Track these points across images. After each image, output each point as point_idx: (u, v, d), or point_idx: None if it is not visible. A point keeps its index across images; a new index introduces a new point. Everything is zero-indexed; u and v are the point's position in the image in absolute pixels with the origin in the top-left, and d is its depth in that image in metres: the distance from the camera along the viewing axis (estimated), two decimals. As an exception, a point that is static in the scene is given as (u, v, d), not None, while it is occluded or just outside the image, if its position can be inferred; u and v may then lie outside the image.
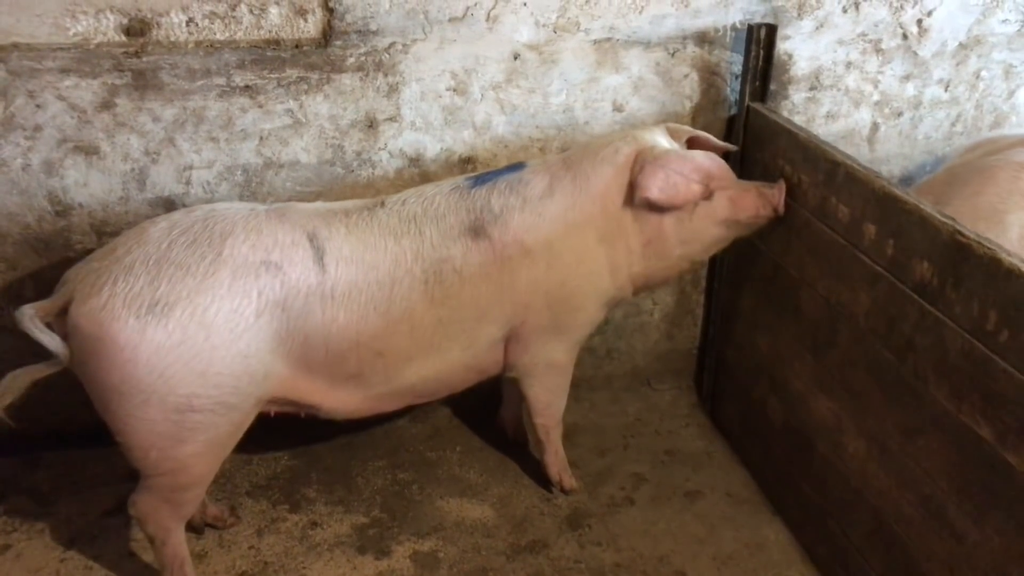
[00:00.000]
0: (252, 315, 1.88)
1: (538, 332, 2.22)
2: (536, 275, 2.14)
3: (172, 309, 1.81)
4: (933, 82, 2.74)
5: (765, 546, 2.37)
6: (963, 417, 1.71)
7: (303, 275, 1.93)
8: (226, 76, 2.27)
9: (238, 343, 1.87)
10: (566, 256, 2.16)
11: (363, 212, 2.08)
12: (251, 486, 2.52)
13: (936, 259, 1.76)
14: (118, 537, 2.32)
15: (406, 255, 2.04)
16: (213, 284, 1.84)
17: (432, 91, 2.41)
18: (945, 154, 2.85)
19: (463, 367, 2.22)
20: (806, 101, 2.67)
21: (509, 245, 2.11)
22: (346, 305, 1.98)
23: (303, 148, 2.40)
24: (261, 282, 1.89)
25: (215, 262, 1.86)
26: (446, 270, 2.07)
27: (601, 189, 2.16)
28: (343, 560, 2.29)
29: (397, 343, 2.07)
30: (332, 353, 2.01)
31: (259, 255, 1.90)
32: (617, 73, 2.50)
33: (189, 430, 1.89)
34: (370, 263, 2.01)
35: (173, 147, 2.31)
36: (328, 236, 1.99)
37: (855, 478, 2.09)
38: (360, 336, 2.02)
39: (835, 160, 2.09)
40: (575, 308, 2.23)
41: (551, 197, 2.15)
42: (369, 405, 2.18)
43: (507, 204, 2.13)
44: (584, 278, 2.20)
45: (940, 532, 1.81)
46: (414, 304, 2.05)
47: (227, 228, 1.92)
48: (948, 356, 1.74)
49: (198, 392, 1.85)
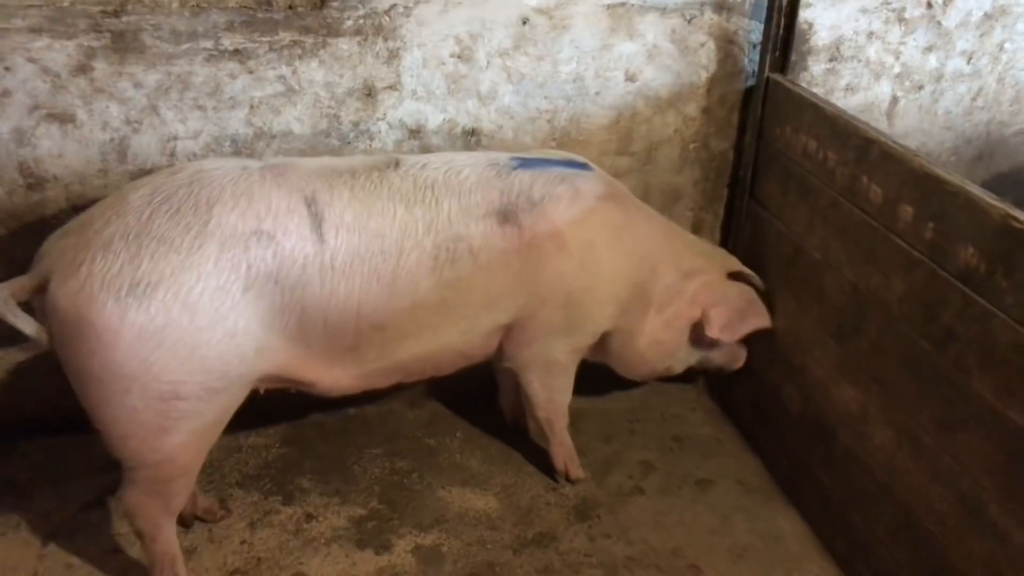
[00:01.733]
0: (239, 290, 1.73)
1: (546, 328, 2.13)
2: (565, 271, 2.05)
3: (155, 290, 1.66)
4: (956, 54, 2.63)
5: (781, 537, 2.28)
6: (1011, 413, 1.62)
7: (299, 245, 1.78)
8: (214, 39, 2.09)
9: (225, 322, 1.72)
10: (602, 264, 2.10)
11: (372, 173, 1.92)
12: (241, 476, 2.39)
13: (984, 245, 1.66)
14: (100, 531, 2.19)
15: (417, 225, 1.89)
16: (199, 260, 1.69)
17: (435, 58, 2.26)
18: (964, 129, 2.76)
19: (456, 351, 2.11)
20: (825, 73, 2.55)
21: (543, 237, 1.99)
22: (347, 276, 1.84)
23: (296, 118, 2.24)
24: (251, 254, 1.74)
25: (201, 234, 1.71)
26: (460, 249, 1.93)
27: (657, 256, 2.23)
28: (341, 555, 2.18)
29: (397, 318, 1.94)
30: (331, 326, 1.87)
31: (249, 224, 1.75)
32: (631, 40, 2.35)
33: (174, 419, 1.76)
34: (375, 231, 1.86)
35: (156, 116, 2.14)
36: (329, 201, 1.83)
37: (881, 470, 2.01)
38: (361, 308, 1.88)
39: (868, 137, 1.98)
40: (589, 317, 2.17)
41: (607, 203, 2.09)
42: (360, 383, 2.05)
43: (552, 193, 2.02)
44: (608, 296, 2.16)
45: (979, 532, 1.72)
46: (419, 280, 1.91)
47: (214, 194, 1.75)
48: (996, 348, 1.64)
49: (183, 378, 1.72)
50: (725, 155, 2.59)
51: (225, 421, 1.89)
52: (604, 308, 2.18)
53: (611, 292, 2.16)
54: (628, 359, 2.35)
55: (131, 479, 1.84)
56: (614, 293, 2.17)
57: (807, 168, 2.21)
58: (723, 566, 2.20)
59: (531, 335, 2.13)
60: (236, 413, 1.92)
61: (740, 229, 2.55)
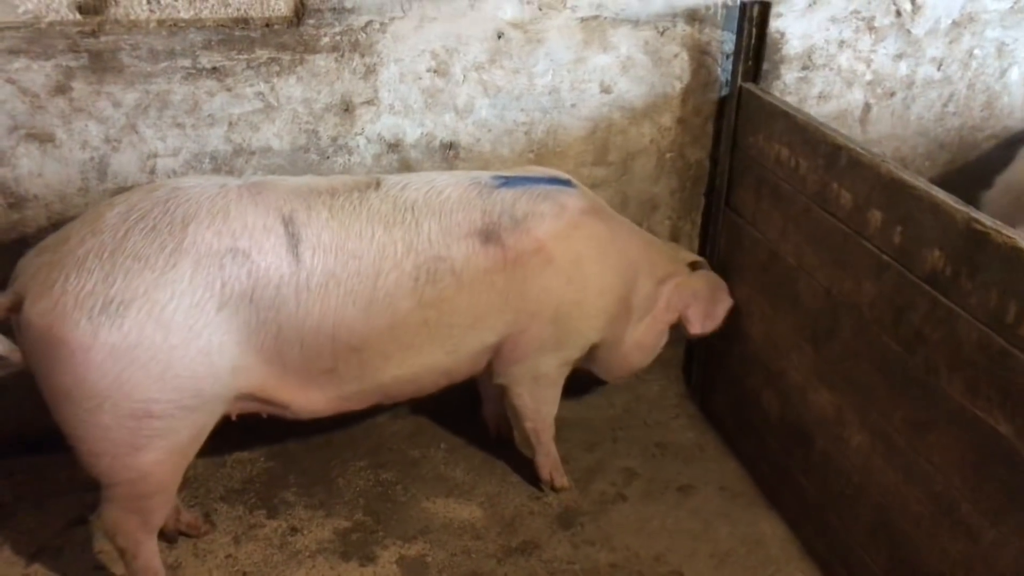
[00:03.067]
0: (214, 308, 1.73)
1: (537, 344, 2.13)
2: (553, 286, 2.05)
3: (128, 308, 1.66)
4: (926, 61, 2.67)
5: (763, 542, 2.30)
6: (979, 412, 1.64)
7: (274, 264, 1.78)
8: (191, 57, 2.12)
9: (199, 340, 1.72)
10: (589, 280, 2.11)
11: (352, 193, 1.91)
12: (225, 490, 2.40)
13: (949, 248, 1.69)
14: (84, 549, 2.19)
15: (396, 246, 1.89)
16: (173, 278, 1.70)
17: (412, 72, 2.28)
18: (936, 135, 2.80)
19: (440, 372, 2.10)
20: (798, 81, 2.59)
21: (528, 254, 2.00)
22: (322, 297, 1.83)
23: (275, 134, 2.26)
24: (226, 272, 1.74)
25: (175, 252, 1.71)
26: (442, 270, 1.93)
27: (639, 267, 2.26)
28: (326, 567, 2.18)
29: (376, 340, 1.93)
30: (307, 347, 1.86)
31: (225, 242, 1.75)
32: (605, 53, 2.39)
33: (147, 437, 1.75)
34: (352, 252, 1.85)
35: (135, 134, 2.16)
36: (306, 221, 1.83)
37: (858, 473, 2.03)
38: (337, 331, 1.87)
39: (837, 144, 2.01)
40: (578, 331, 2.18)
41: (593, 218, 2.11)
42: (337, 404, 2.04)
43: (536, 210, 2.03)
44: (597, 311, 2.17)
45: (952, 530, 1.75)
46: (399, 301, 1.90)
47: (190, 211, 1.75)
48: (962, 349, 1.67)
49: (156, 397, 1.72)
50: (701, 164, 2.62)
51: (201, 439, 1.88)
52: (593, 321, 2.19)
53: (599, 306, 2.18)
54: (611, 365, 2.39)
55: (109, 496, 1.84)
56: (602, 306, 2.19)
57: (780, 175, 2.24)
58: (705, 571, 2.21)
59: (522, 351, 2.13)
60: (220, 427, 1.94)
61: (717, 237, 2.58)
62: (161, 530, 2.13)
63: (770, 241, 2.31)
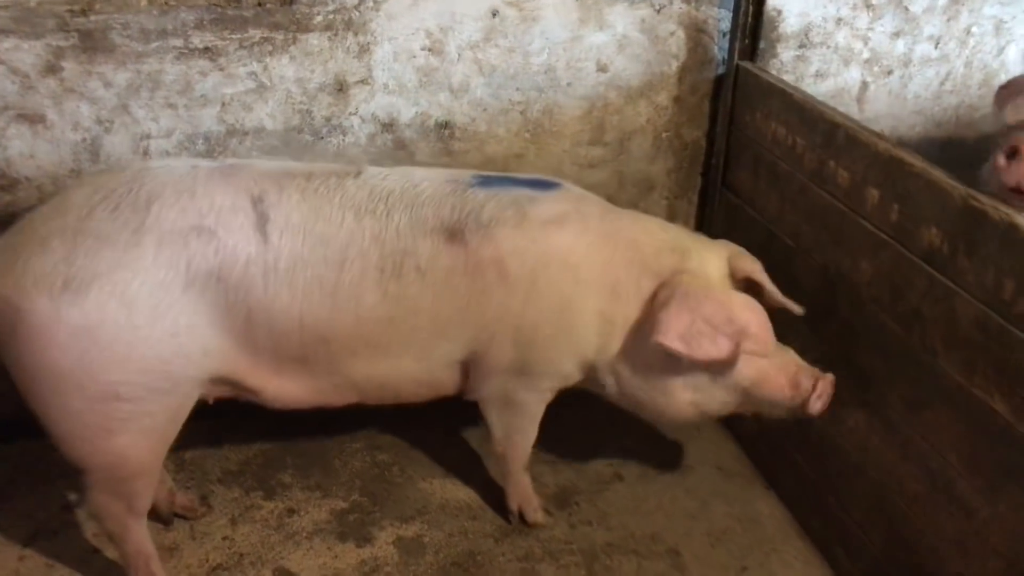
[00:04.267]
0: (180, 288, 1.68)
1: (501, 366, 1.98)
2: (509, 306, 1.89)
3: (89, 287, 1.62)
4: (923, 38, 2.65)
5: (759, 521, 2.31)
6: (975, 390, 1.65)
7: (241, 243, 1.73)
8: (183, 37, 2.09)
9: (164, 321, 1.68)
10: (550, 300, 1.90)
11: (330, 178, 1.86)
12: (222, 472, 2.40)
13: (946, 225, 1.68)
14: (80, 532, 2.19)
15: (364, 234, 1.81)
16: (136, 256, 1.65)
17: (406, 51, 2.26)
18: (934, 113, 2.78)
19: (413, 380, 2.00)
20: (795, 59, 2.56)
21: (486, 263, 1.85)
22: (290, 280, 1.77)
23: (268, 114, 2.24)
24: (191, 250, 1.69)
25: (139, 231, 1.67)
26: (407, 265, 1.83)
27: (620, 276, 1.92)
28: (323, 548, 2.19)
29: (342, 331, 1.85)
30: (276, 332, 1.81)
31: (190, 220, 1.70)
32: (601, 31, 2.36)
33: (119, 420, 1.72)
34: (320, 236, 1.79)
35: (128, 115, 2.14)
36: (276, 201, 1.78)
37: (855, 452, 2.03)
38: (304, 316, 1.81)
39: (834, 122, 2.00)
40: (544, 358, 1.98)
41: (559, 229, 1.89)
42: (312, 396, 1.97)
43: (500, 217, 1.87)
44: (563, 332, 1.94)
45: (948, 508, 1.75)
46: (363, 292, 1.82)
47: (155, 190, 1.71)
48: (959, 327, 1.67)
49: (123, 379, 1.68)
50: (698, 143, 2.60)
51: (179, 421, 1.84)
52: (561, 347, 1.97)
53: (563, 327, 1.94)
54: (631, 398, 2.07)
55: (91, 481, 1.82)
56: (568, 328, 1.95)
57: (777, 154, 2.23)
58: (701, 550, 2.22)
59: (485, 372, 2.00)
60: (217, 409, 1.93)
61: (714, 216, 2.57)
62: (156, 512, 2.13)
63: (767, 220, 2.30)
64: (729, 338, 1.82)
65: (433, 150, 2.39)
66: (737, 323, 1.83)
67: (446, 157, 2.39)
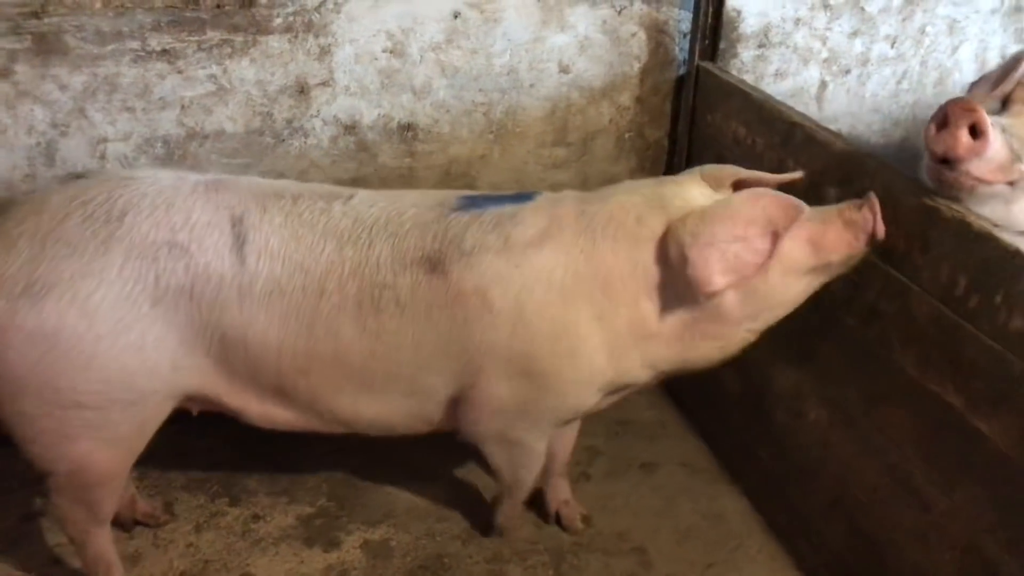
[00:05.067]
0: (148, 302, 1.65)
1: (495, 404, 1.83)
2: (496, 339, 1.75)
3: (49, 293, 1.59)
4: (880, 38, 2.69)
5: (724, 516, 2.33)
6: (931, 385, 1.68)
7: (215, 262, 1.68)
8: (140, 39, 2.07)
9: (129, 334, 1.64)
10: (540, 327, 1.74)
11: (317, 202, 1.78)
12: (187, 479, 2.37)
13: (902, 223, 1.71)
14: (41, 543, 2.15)
15: (344, 266, 1.73)
16: (102, 266, 1.62)
17: (367, 53, 2.26)
18: (891, 111, 2.83)
19: (405, 414, 1.90)
20: (755, 59, 2.60)
21: (467, 293, 1.73)
22: (267, 306, 1.71)
23: (229, 117, 2.22)
24: (161, 265, 1.65)
25: (108, 240, 1.63)
26: (386, 299, 1.74)
27: (609, 263, 1.74)
28: (289, 554, 2.17)
29: (322, 367, 1.78)
30: (252, 357, 1.76)
31: (162, 234, 1.66)
32: (563, 32, 2.38)
33: (79, 427, 1.69)
34: (298, 263, 1.72)
35: (84, 118, 2.11)
36: (257, 223, 1.72)
37: (816, 447, 2.06)
38: (281, 346, 1.74)
39: (792, 121, 2.03)
40: (545, 390, 1.81)
41: (540, 249, 1.74)
42: (301, 423, 1.91)
43: (483, 242, 1.74)
44: (563, 359, 1.77)
45: (907, 501, 1.78)
46: (341, 326, 1.74)
47: (132, 201, 1.67)
48: (915, 322, 1.70)
49: (82, 388, 1.65)
50: (660, 143, 2.62)
51: (147, 433, 1.81)
52: (565, 376, 1.81)
53: (565, 352, 1.77)
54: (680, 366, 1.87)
55: (52, 486, 1.79)
56: (571, 352, 1.77)
57: (738, 153, 2.25)
58: (668, 548, 2.24)
59: (479, 409, 1.85)
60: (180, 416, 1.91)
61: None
62: (117, 519, 2.09)
63: (728, 219, 2.32)
64: (761, 235, 1.66)
65: (396, 152, 2.38)
66: (757, 218, 1.67)
67: (409, 159, 2.39)
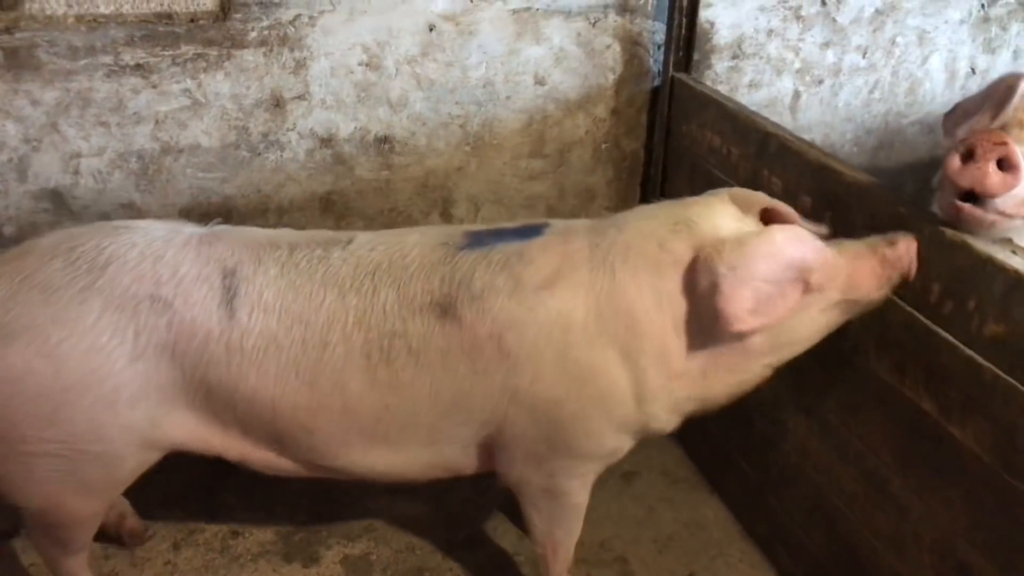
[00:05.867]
0: (125, 358, 1.58)
1: (525, 449, 1.74)
2: (517, 385, 1.65)
3: (16, 337, 1.54)
4: (851, 49, 2.73)
5: (705, 525, 2.34)
6: (906, 391, 1.69)
7: (201, 318, 1.61)
8: (113, 54, 2.06)
9: (100, 387, 1.57)
10: (564, 370, 1.64)
11: (314, 249, 1.70)
12: (164, 496, 2.34)
13: (877, 231, 1.72)
14: (15, 562, 2.13)
15: (347, 316, 1.64)
16: (77, 315, 1.56)
17: (343, 66, 2.25)
18: (864, 121, 2.86)
19: (425, 464, 1.80)
20: (729, 70, 2.62)
21: (483, 339, 1.63)
22: (259, 363, 1.63)
23: (204, 131, 2.21)
24: (141, 320, 1.58)
25: (86, 289, 1.58)
26: (397, 348, 1.64)
27: (631, 297, 1.63)
28: (268, 570, 2.16)
29: (328, 423, 1.69)
30: (242, 414, 1.69)
31: (145, 288, 1.59)
32: (538, 44, 2.39)
33: (48, 472, 1.63)
34: (297, 316, 1.63)
35: (57, 133, 2.10)
36: (250, 275, 1.64)
37: (795, 454, 2.07)
38: (278, 404, 1.66)
39: (766, 131, 2.05)
40: (577, 435, 1.71)
41: (552, 291, 1.63)
42: (307, 472, 1.82)
43: (492, 285, 1.64)
44: (592, 402, 1.66)
45: (884, 507, 1.80)
46: (348, 380, 1.65)
47: (118, 251, 1.62)
48: (890, 330, 1.71)
49: (47, 436, 1.59)
50: (636, 154, 2.64)
51: (125, 480, 1.76)
52: (593, 419, 1.70)
53: (593, 396, 1.66)
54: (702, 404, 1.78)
55: (25, 516, 1.76)
56: (600, 396, 1.67)
57: (712, 163, 2.27)
58: (649, 557, 2.24)
59: (511, 455, 1.76)
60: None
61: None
62: (104, 531, 2.06)
63: (705, 229, 2.33)
64: (794, 282, 1.57)
65: (373, 165, 2.38)
66: (795, 263, 1.56)
67: (386, 171, 2.39)
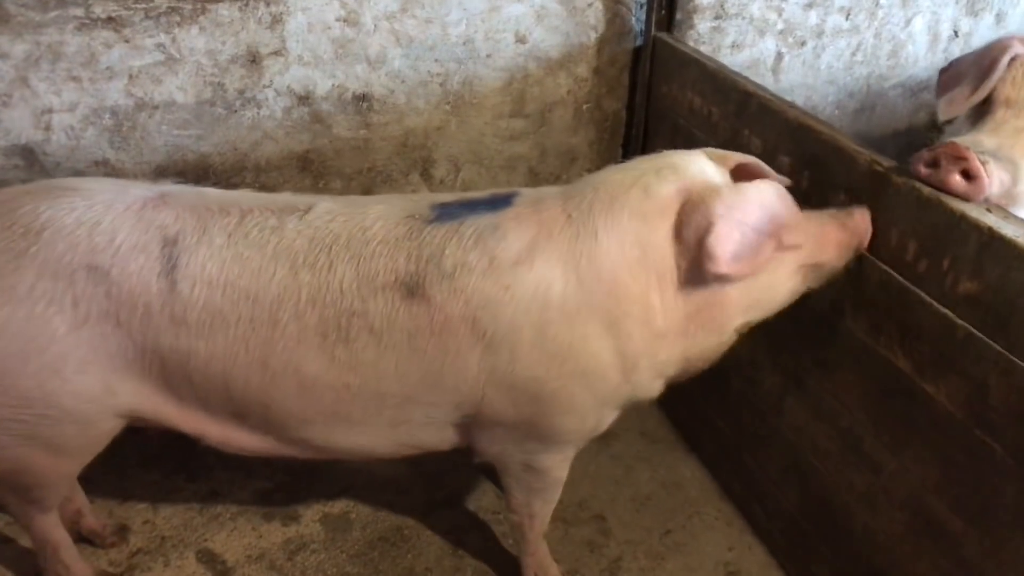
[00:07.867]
0: (66, 325, 1.53)
1: (504, 428, 1.69)
2: (494, 365, 1.59)
3: None
4: (835, 10, 2.71)
5: (682, 484, 2.36)
6: (881, 349, 1.70)
7: (140, 289, 1.53)
8: (84, 7, 2.01)
9: (43, 356, 1.53)
10: (543, 348, 1.57)
11: (268, 218, 1.60)
12: (142, 456, 2.34)
13: (854, 190, 1.73)
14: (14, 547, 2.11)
15: (300, 293, 1.55)
16: (12, 283, 1.51)
17: (320, 22, 2.21)
18: (846, 83, 2.85)
19: (392, 443, 1.74)
20: (711, 31, 2.60)
21: (455, 320, 1.55)
22: (207, 337, 1.56)
23: (179, 87, 2.17)
24: (79, 288, 1.52)
25: (19, 257, 1.52)
26: (357, 327, 1.56)
27: (615, 258, 1.55)
28: (248, 529, 2.16)
29: (285, 401, 1.63)
30: (199, 388, 1.62)
31: (80, 257, 1.53)
32: (519, 2, 2.35)
33: (9, 436, 1.60)
34: (244, 291, 1.55)
35: (27, 88, 2.05)
36: (193, 245, 1.55)
37: (771, 413, 2.09)
38: (230, 379, 1.60)
39: (747, 91, 2.03)
40: (558, 412, 1.65)
41: (530, 266, 1.55)
42: (269, 450, 1.76)
43: (464, 262, 1.55)
44: (573, 379, 1.60)
45: (858, 464, 1.82)
46: (303, 359, 1.58)
47: (56, 216, 1.54)
48: (866, 288, 1.72)
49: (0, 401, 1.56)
50: (618, 115, 2.62)
51: (92, 446, 1.73)
52: (576, 396, 1.64)
53: (575, 372, 1.60)
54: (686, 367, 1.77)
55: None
56: (582, 371, 1.61)
57: (693, 124, 2.26)
58: (626, 515, 2.26)
59: (489, 434, 1.72)
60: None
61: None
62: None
63: (685, 190, 2.33)
64: (771, 236, 1.54)
65: (351, 123, 2.35)
66: (776, 215, 1.55)
67: (364, 130, 2.36)
